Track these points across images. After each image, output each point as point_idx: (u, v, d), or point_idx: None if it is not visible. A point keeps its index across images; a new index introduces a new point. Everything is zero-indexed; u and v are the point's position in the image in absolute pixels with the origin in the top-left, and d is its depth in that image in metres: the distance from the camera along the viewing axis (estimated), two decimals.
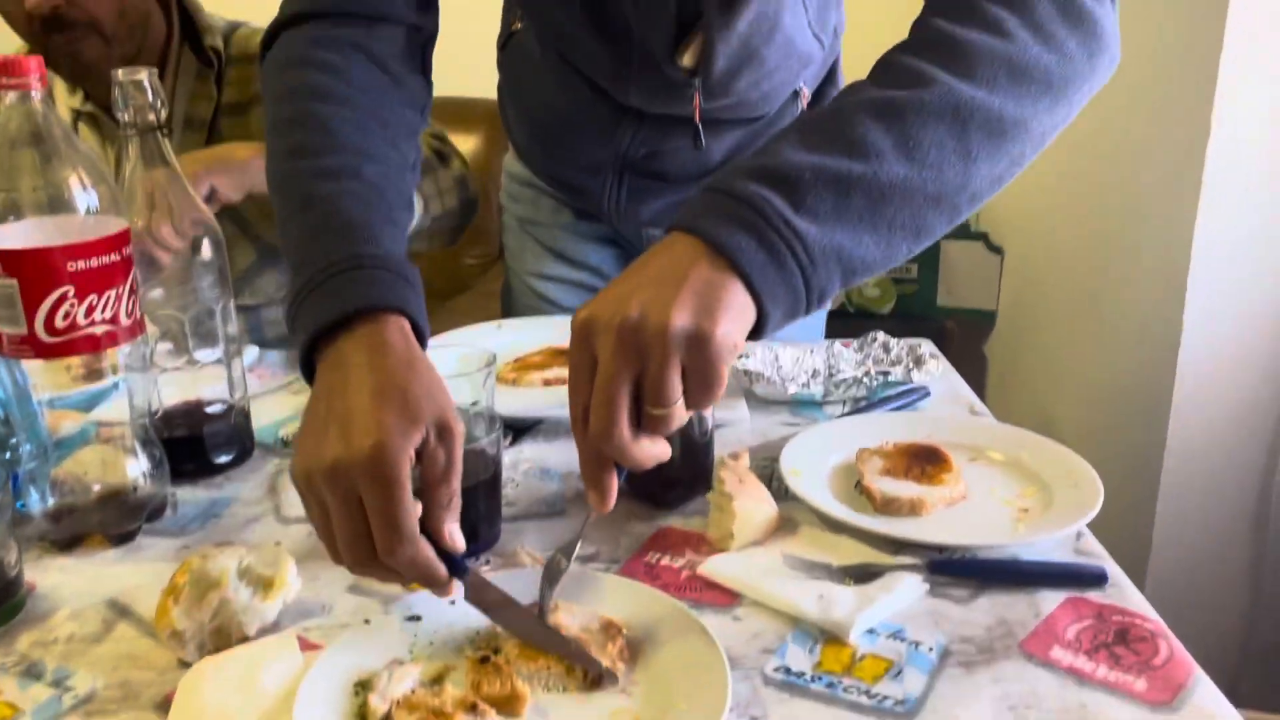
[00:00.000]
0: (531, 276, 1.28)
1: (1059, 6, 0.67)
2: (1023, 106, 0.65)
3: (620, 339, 0.58)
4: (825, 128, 0.64)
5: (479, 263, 2.47)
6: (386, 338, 0.65)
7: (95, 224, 0.72)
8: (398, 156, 0.79)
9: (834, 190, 0.61)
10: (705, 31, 0.93)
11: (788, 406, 1.01)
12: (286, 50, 0.83)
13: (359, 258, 0.68)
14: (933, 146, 0.63)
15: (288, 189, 0.75)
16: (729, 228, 0.60)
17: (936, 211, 0.64)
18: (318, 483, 0.60)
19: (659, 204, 1.16)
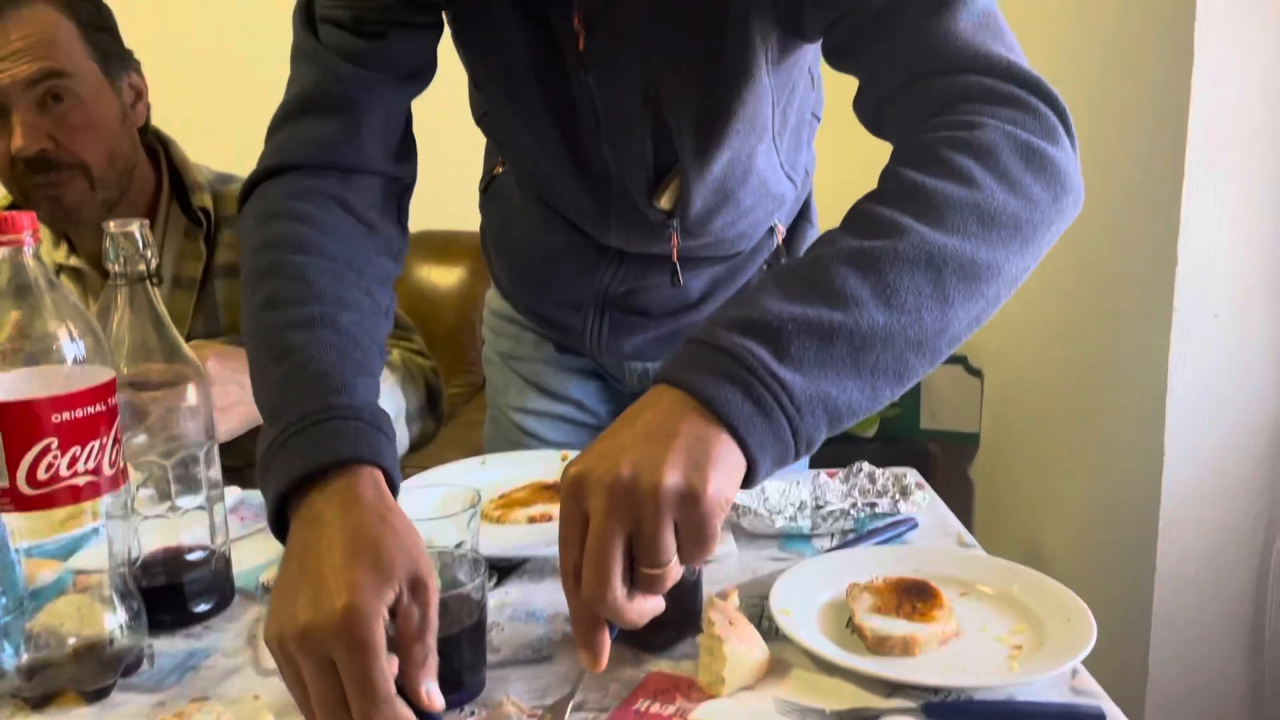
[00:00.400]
0: (514, 411, 1.29)
1: (1021, 153, 0.70)
2: (994, 251, 0.67)
3: (612, 498, 0.58)
4: (804, 278, 0.66)
5: (462, 392, 2.48)
6: (359, 491, 0.65)
7: (81, 374, 0.72)
8: (371, 304, 0.81)
9: (816, 339, 0.63)
10: (681, 175, 0.96)
11: (775, 540, 1.00)
12: (263, 203, 0.86)
13: (330, 409, 0.68)
14: (910, 293, 0.64)
15: (261, 340, 0.76)
16: (715, 380, 0.61)
17: (918, 355, 0.65)
18: (291, 647, 0.59)
19: (640, 338, 1.17)
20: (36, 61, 1.18)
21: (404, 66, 0.89)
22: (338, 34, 0.87)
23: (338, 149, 0.86)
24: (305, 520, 0.65)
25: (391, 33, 0.87)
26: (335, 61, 0.86)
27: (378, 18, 0.86)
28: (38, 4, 1.20)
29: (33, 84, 1.18)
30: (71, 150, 1.22)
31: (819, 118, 1.13)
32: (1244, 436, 1.51)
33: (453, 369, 2.49)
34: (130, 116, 1.30)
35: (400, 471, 0.72)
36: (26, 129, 1.19)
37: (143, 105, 1.33)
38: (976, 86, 0.73)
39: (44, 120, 1.20)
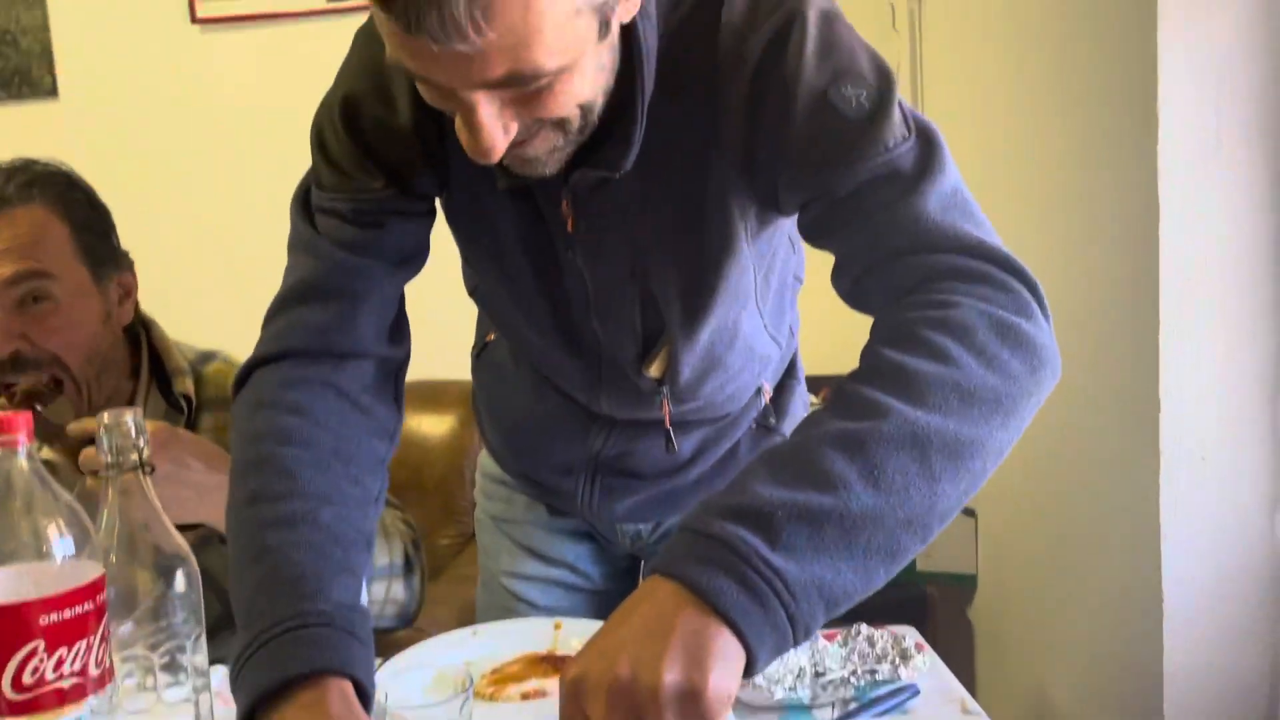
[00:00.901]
0: (507, 576, 1.28)
1: (997, 330, 0.72)
2: (977, 426, 0.69)
3: (613, 700, 0.58)
4: (792, 462, 0.67)
5: (453, 543, 2.45)
6: (327, 706, 0.65)
7: (70, 572, 0.71)
8: (360, 493, 0.81)
9: (807, 524, 0.63)
10: (669, 344, 0.98)
11: (776, 711, 0.98)
12: (256, 391, 0.87)
13: (303, 615, 0.68)
14: (897, 473, 0.66)
15: (242, 538, 0.76)
16: (709, 571, 0.62)
17: (909, 534, 0.66)
18: None
19: (632, 500, 1.17)
20: (20, 262, 1.16)
21: (399, 253, 0.92)
22: (334, 224, 0.89)
23: (333, 336, 0.88)
24: None
25: (387, 222, 0.90)
26: (332, 250, 0.89)
27: (375, 209, 0.89)
28: (33, 205, 1.19)
29: (12, 284, 1.17)
30: (46, 349, 1.18)
31: (801, 279, 1.17)
32: (1243, 577, 1.50)
33: (443, 519, 2.46)
34: (115, 315, 1.27)
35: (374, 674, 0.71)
36: (1, 329, 1.16)
37: (130, 303, 1.30)
38: (950, 265, 0.75)
39: (19, 320, 1.17)
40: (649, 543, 1.25)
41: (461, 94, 0.70)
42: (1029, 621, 2.06)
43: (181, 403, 1.28)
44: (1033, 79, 1.88)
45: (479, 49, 0.65)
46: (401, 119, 0.87)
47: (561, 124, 0.75)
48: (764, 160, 0.83)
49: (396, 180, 0.89)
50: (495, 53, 0.66)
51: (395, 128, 0.88)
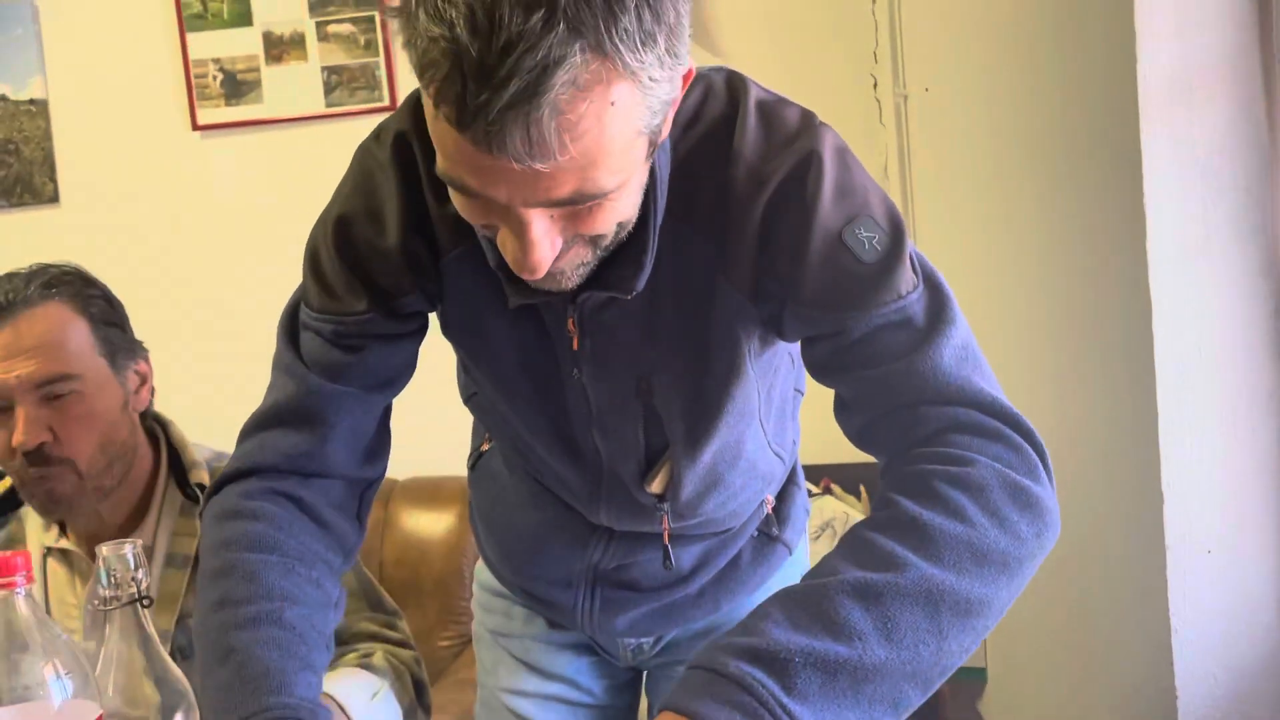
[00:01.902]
0: (506, 693, 1.25)
1: (1010, 492, 0.74)
2: (986, 586, 0.70)
3: None
4: (808, 608, 0.68)
5: (452, 645, 2.41)
6: None
7: (68, 712, 0.70)
8: (320, 595, 0.83)
9: (821, 672, 0.65)
10: (672, 462, 0.98)
11: None
12: (221, 503, 0.89)
13: (269, 709, 0.70)
14: (909, 629, 0.67)
15: (208, 641, 0.78)
16: (727, 711, 0.63)
17: (912, 686, 0.68)
18: None
19: (633, 614, 1.16)
20: (46, 364, 1.22)
21: (380, 377, 0.93)
22: (318, 345, 0.91)
23: (302, 459, 0.90)
24: None
25: (370, 346, 0.91)
26: (310, 376, 0.90)
27: (357, 332, 0.90)
28: (51, 303, 1.25)
29: (43, 384, 1.22)
30: (66, 444, 1.24)
31: (802, 391, 1.17)
32: (1255, 669, 1.48)
33: (442, 620, 2.43)
34: (133, 402, 1.33)
35: None
36: (29, 424, 1.21)
37: (146, 390, 1.36)
38: (964, 420, 0.77)
39: (46, 414, 1.23)
40: (650, 656, 1.23)
41: (518, 211, 0.70)
42: (1041, 716, 2.02)
43: (197, 493, 1.33)
44: (1019, 175, 1.92)
45: (554, 168, 0.66)
46: (390, 240, 0.89)
47: (596, 240, 0.76)
48: (772, 290, 0.84)
49: (382, 303, 0.90)
50: (567, 173, 0.67)
51: (384, 249, 0.89)
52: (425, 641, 2.41)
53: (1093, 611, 1.75)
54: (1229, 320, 1.46)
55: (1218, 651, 1.47)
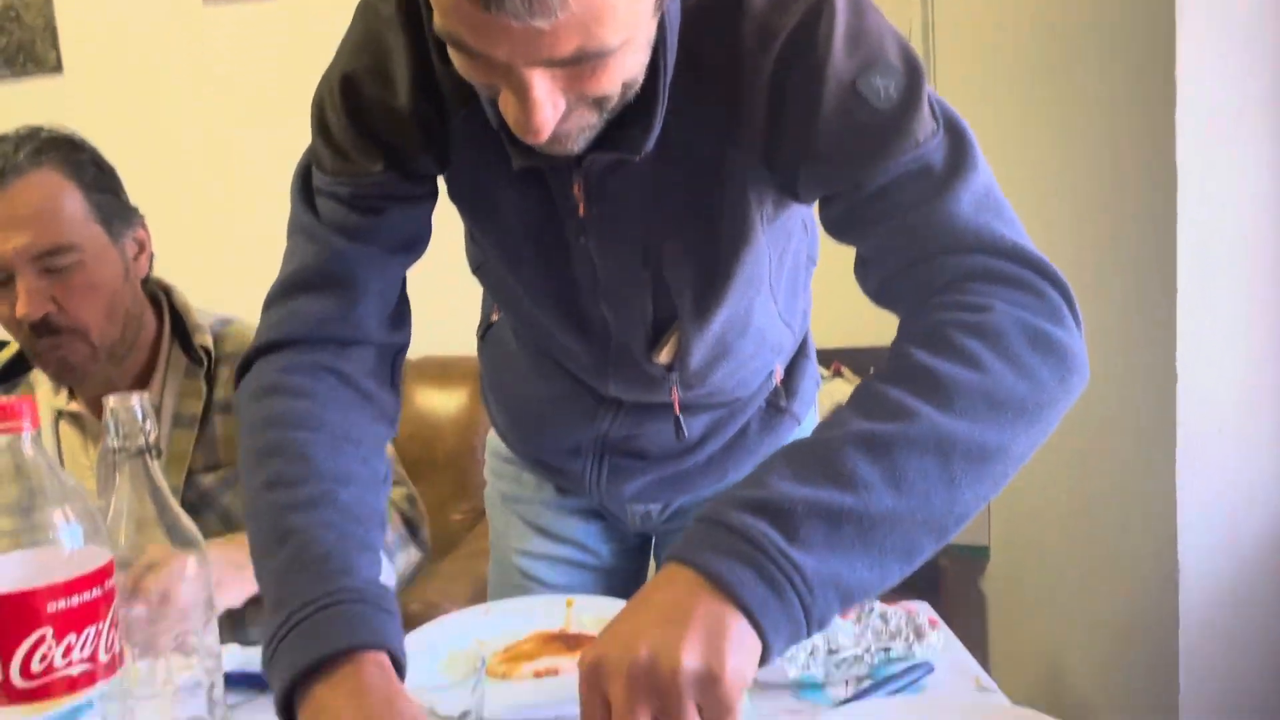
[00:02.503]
0: (517, 554, 1.27)
1: (1029, 337, 0.72)
2: (1002, 433, 0.69)
3: (632, 682, 0.59)
4: (815, 460, 0.67)
5: (465, 519, 2.46)
6: (364, 680, 0.65)
7: (78, 558, 0.71)
8: (369, 473, 0.82)
9: (825, 522, 0.64)
10: (680, 331, 0.96)
11: (789, 690, 0.97)
12: (259, 379, 0.86)
13: (333, 594, 0.69)
14: (918, 477, 0.66)
15: (263, 523, 0.76)
16: (728, 562, 0.62)
17: (925, 534, 0.67)
18: None
19: (641, 481, 1.17)
20: (43, 235, 1.21)
21: (400, 239, 0.91)
22: (334, 208, 0.88)
23: (334, 325, 0.88)
24: (311, 713, 0.65)
25: (387, 208, 0.89)
26: (332, 238, 0.88)
27: (375, 194, 0.88)
28: (42, 170, 1.23)
29: (40, 255, 1.21)
30: (72, 314, 1.24)
31: (814, 260, 1.15)
32: (1259, 550, 1.49)
33: (455, 495, 2.47)
34: (133, 270, 1.33)
35: (404, 644, 0.71)
36: (30, 295, 1.21)
37: (145, 257, 1.36)
38: (983, 267, 0.75)
39: (47, 285, 1.22)
40: (658, 522, 1.24)
41: (519, 71, 0.67)
42: (1042, 593, 2.06)
43: (201, 355, 1.34)
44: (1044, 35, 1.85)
45: (555, 25, 0.63)
46: (400, 100, 0.86)
47: (600, 102, 0.73)
48: (786, 149, 0.81)
49: (396, 162, 0.88)
50: (568, 29, 0.64)
51: (394, 109, 0.86)
52: (439, 515, 2.45)
53: (1098, 490, 1.75)
54: (1255, 199, 1.42)
55: (1223, 532, 1.48)
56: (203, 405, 1.32)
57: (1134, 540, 1.63)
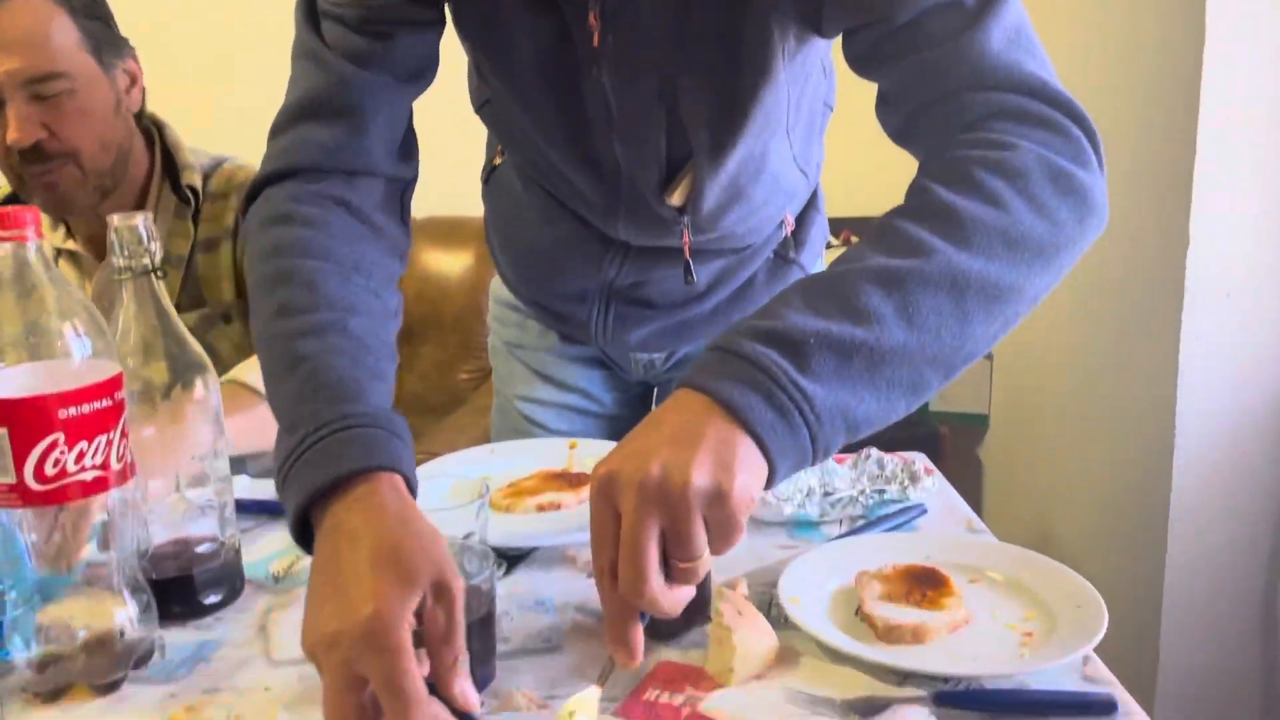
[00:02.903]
0: (520, 401, 1.28)
1: (1052, 177, 0.70)
2: (1017, 273, 0.68)
3: (643, 496, 0.60)
4: (829, 293, 0.67)
5: (471, 379, 2.48)
6: (380, 499, 0.66)
7: (87, 369, 0.72)
8: (380, 306, 0.81)
9: (836, 354, 0.65)
10: (694, 172, 0.95)
11: (784, 528, 1.00)
12: (268, 207, 0.85)
13: (348, 418, 0.69)
14: (931, 313, 0.66)
15: (275, 349, 0.76)
16: (739, 387, 0.63)
17: (933, 371, 0.67)
18: (319, 656, 0.60)
19: (646, 329, 1.17)
20: (33, 61, 1.19)
21: (408, 66, 0.88)
22: (341, 32, 0.86)
23: (342, 153, 0.86)
24: (328, 531, 0.66)
25: (396, 33, 0.86)
26: (339, 64, 0.85)
27: (382, 17, 0.85)
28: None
29: (30, 82, 1.20)
30: (64, 140, 1.23)
31: (831, 106, 1.12)
32: (1256, 418, 1.50)
33: (461, 354, 2.49)
34: (124, 102, 1.31)
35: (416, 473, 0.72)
36: (21, 121, 1.20)
37: (137, 90, 1.34)
38: (1010, 105, 0.73)
39: (38, 111, 1.21)
40: (661, 372, 1.25)
41: None
42: (1038, 461, 2.09)
43: (189, 195, 1.35)
44: None
45: None
46: None
47: None
48: None
49: None
50: None
51: None
52: (445, 374, 2.48)
53: (1102, 353, 1.76)
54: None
55: (1223, 395, 1.49)
56: (189, 246, 1.33)
57: (1133, 405, 1.64)
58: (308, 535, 0.69)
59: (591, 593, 0.89)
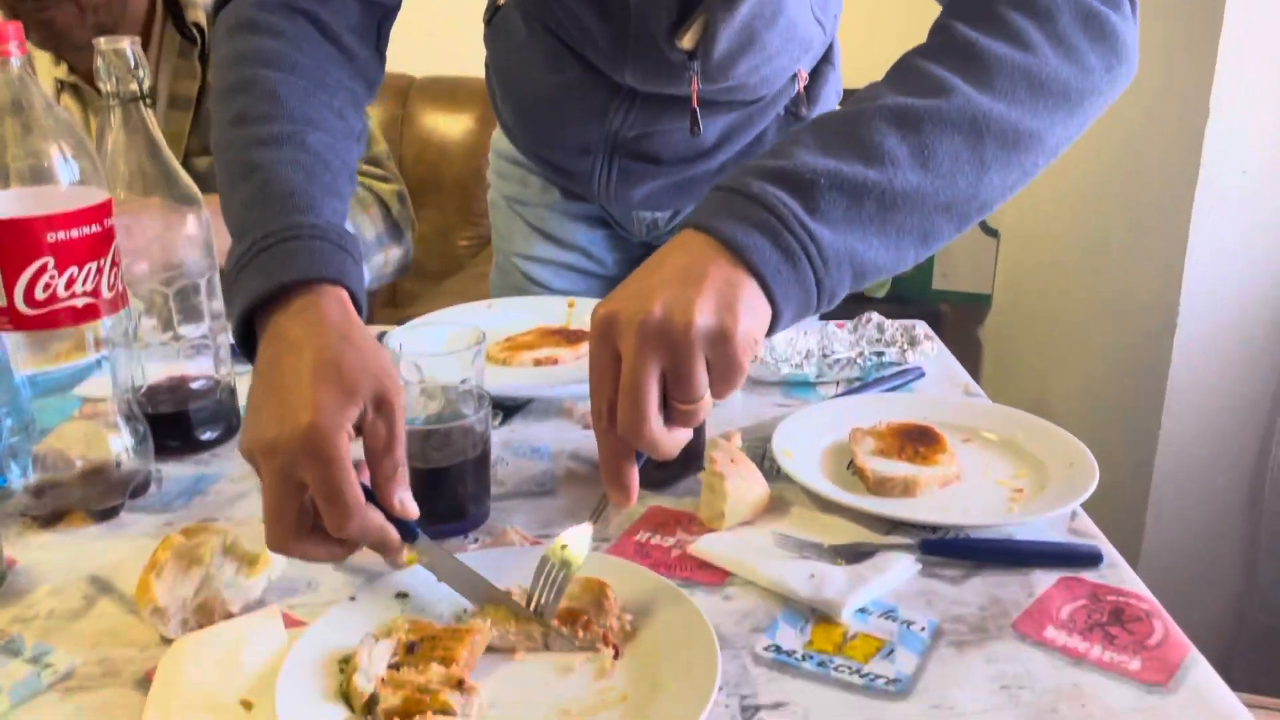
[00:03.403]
0: (519, 257, 1.27)
1: (1082, 19, 0.67)
2: (1039, 119, 0.65)
3: (644, 336, 0.58)
4: (842, 132, 0.64)
5: (470, 244, 2.46)
6: (322, 311, 0.65)
7: (76, 195, 0.71)
8: (343, 126, 0.79)
9: (847, 195, 0.62)
10: (707, 14, 0.91)
11: (780, 387, 1.00)
12: (236, 14, 0.82)
13: (297, 227, 0.67)
14: (947, 157, 0.63)
15: (230, 156, 0.74)
16: (744, 228, 0.61)
17: (946, 219, 0.65)
18: (258, 461, 0.60)
19: (650, 186, 1.14)
20: None
21: None
22: None
23: None
24: (271, 339, 0.65)
25: None
26: None
27: None
28: None
29: None
30: None
31: None
32: (1262, 296, 1.49)
33: (460, 219, 2.46)
34: None
35: (365, 295, 0.71)
36: None
37: None
38: None
39: None
40: (665, 231, 1.23)
41: None
42: (1039, 339, 2.08)
43: (193, 32, 1.30)
44: None
45: None
46: None
47: None
48: None
49: None
50: None
51: None
52: (444, 240, 2.46)
53: (1110, 231, 1.74)
54: None
55: (1231, 271, 1.47)
56: (198, 87, 1.29)
57: (1139, 282, 1.63)
58: (252, 344, 0.67)
59: (586, 442, 0.90)
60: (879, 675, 0.59)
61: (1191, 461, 1.56)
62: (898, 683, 0.59)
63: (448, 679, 0.56)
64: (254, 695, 0.57)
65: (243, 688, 0.57)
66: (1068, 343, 1.93)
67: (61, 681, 0.60)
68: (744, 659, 0.61)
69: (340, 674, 0.58)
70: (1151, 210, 1.58)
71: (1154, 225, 1.57)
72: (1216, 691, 0.57)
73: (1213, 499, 1.57)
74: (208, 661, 0.59)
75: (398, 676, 0.57)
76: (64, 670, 0.60)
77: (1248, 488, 1.56)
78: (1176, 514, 1.59)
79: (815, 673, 0.60)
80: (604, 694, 0.57)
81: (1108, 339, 1.75)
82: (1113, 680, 0.58)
